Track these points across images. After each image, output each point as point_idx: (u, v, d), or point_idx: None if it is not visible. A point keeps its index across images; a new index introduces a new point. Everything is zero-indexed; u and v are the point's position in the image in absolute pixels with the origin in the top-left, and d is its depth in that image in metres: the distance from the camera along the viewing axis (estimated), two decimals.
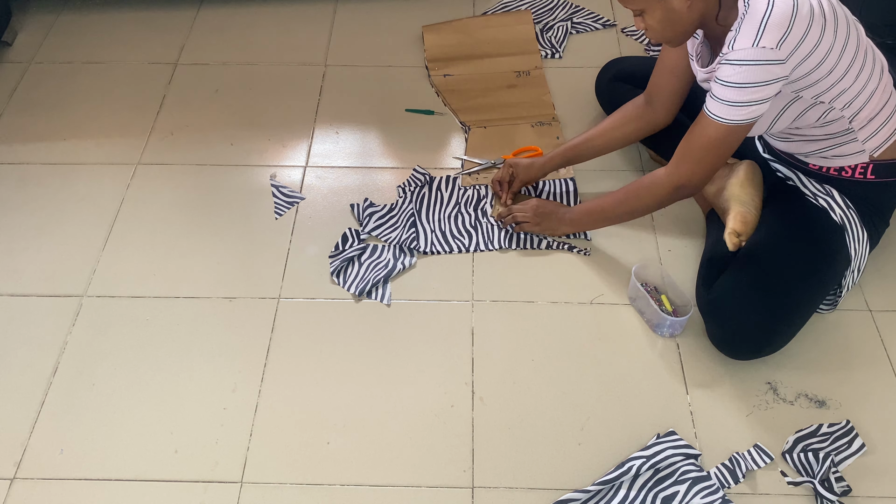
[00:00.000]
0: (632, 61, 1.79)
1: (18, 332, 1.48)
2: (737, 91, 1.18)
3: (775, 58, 1.15)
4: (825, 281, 1.36)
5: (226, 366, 1.43)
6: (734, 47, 1.16)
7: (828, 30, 1.17)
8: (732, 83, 1.18)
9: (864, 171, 1.34)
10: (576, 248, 1.60)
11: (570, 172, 1.74)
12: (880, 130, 1.30)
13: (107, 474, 1.29)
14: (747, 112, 1.20)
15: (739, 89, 1.18)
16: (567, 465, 1.30)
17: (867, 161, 1.33)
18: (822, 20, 1.16)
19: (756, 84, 1.17)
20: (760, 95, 1.18)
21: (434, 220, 1.65)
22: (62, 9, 2.21)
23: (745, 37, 1.15)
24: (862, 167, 1.34)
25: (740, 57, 1.16)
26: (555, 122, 1.86)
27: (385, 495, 1.27)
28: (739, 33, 1.16)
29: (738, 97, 1.19)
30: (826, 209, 1.36)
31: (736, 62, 1.17)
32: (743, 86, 1.18)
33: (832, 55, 1.18)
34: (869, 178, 1.35)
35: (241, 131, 1.86)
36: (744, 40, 1.15)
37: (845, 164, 1.35)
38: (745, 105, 1.19)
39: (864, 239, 1.37)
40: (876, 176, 1.35)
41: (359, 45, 2.09)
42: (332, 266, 1.56)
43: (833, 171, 1.37)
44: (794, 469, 1.29)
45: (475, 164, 1.76)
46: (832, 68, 1.20)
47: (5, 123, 1.88)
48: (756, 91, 1.18)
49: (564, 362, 1.43)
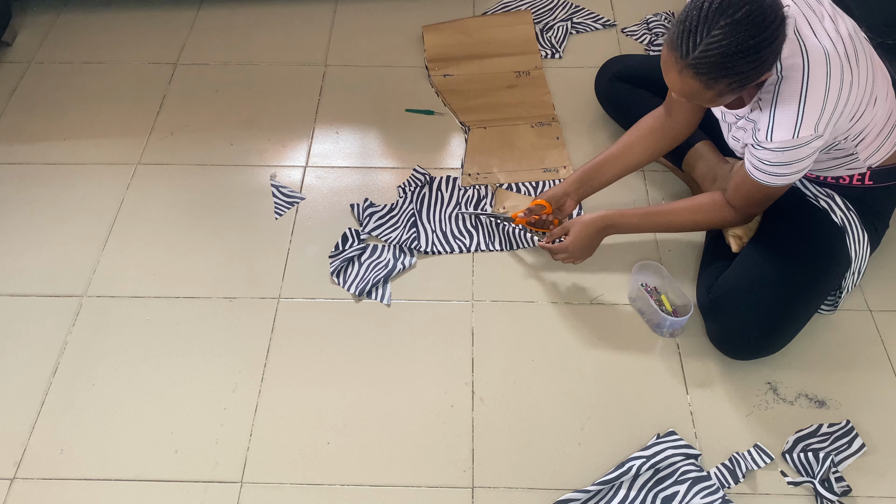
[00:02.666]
0: (631, 60, 1.79)
1: (18, 332, 1.48)
2: (780, 167, 1.21)
3: (814, 137, 1.16)
4: (825, 282, 1.36)
5: (226, 366, 1.43)
6: (773, 139, 1.17)
7: (854, 82, 1.17)
8: (774, 162, 1.21)
9: (861, 178, 1.35)
10: None
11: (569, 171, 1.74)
12: (881, 148, 1.31)
13: (107, 474, 1.29)
14: (793, 175, 1.23)
15: (783, 166, 1.21)
16: (567, 465, 1.30)
17: (864, 171, 1.34)
18: (850, 74, 1.16)
19: (798, 160, 1.20)
20: (804, 165, 1.21)
21: (435, 220, 1.65)
22: (62, 9, 2.21)
23: (783, 129, 1.16)
24: (859, 175, 1.35)
25: (782, 146, 1.18)
26: (554, 122, 1.86)
27: (385, 495, 1.27)
28: (775, 123, 1.16)
29: (782, 171, 1.22)
30: (827, 210, 1.36)
31: (776, 149, 1.18)
32: (786, 163, 1.20)
33: (857, 101, 1.19)
34: (867, 183, 1.35)
35: (241, 131, 1.86)
36: (782, 133, 1.16)
37: (843, 175, 1.36)
38: (789, 175, 1.23)
39: (865, 241, 1.37)
40: (874, 182, 1.35)
41: (359, 45, 2.09)
42: (332, 266, 1.56)
43: (831, 179, 1.38)
44: (794, 469, 1.29)
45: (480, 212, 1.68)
46: (854, 113, 1.21)
47: (5, 123, 1.88)
48: (799, 163, 1.21)
49: (564, 362, 1.43)
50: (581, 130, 1.85)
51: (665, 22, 2.09)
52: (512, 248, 1.61)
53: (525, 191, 1.71)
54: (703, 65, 1.09)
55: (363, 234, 1.62)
